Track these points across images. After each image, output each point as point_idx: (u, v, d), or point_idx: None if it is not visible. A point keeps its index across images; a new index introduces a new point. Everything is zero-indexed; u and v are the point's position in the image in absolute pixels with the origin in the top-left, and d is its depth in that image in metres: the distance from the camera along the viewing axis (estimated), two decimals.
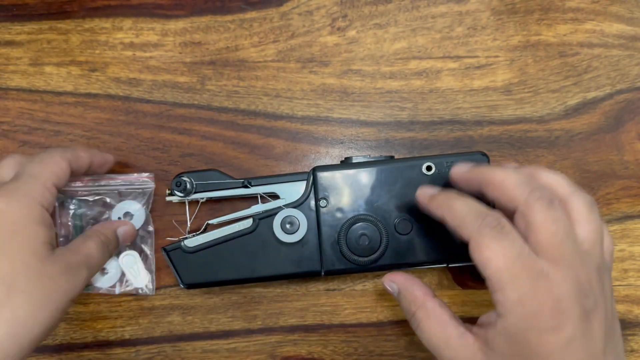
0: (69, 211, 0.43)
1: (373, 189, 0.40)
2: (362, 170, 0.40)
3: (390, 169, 0.40)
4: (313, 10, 0.45)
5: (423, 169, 0.40)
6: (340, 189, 0.40)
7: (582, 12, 0.46)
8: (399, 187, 0.40)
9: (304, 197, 0.40)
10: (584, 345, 0.30)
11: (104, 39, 0.45)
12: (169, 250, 0.40)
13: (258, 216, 0.40)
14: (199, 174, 0.41)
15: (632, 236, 0.45)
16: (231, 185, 0.41)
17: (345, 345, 0.44)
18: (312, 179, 0.40)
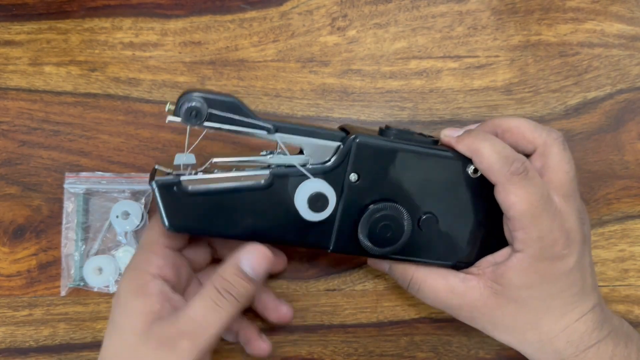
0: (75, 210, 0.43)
1: (410, 174, 0.35)
2: (407, 150, 0.35)
3: (435, 158, 0.36)
4: (313, 10, 0.45)
5: (469, 170, 0.36)
6: (377, 165, 0.35)
7: (583, 12, 0.45)
8: (437, 180, 0.36)
9: (334, 165, 0.34)
10: (580, 268, 0.35)
11: (104, 39, 0.45)
12: (161, 186, 0.33)
13: (276, 171, 0.34)
14: (216, 99, 0.32)
15: (632, 236, 0.45)
16: (252, 125, 0.33)
17: (345, 346, 0.44)
18: (350, 146, 0.34)
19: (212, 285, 0.32)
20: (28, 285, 0.43)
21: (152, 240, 0.34)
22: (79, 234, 0.43)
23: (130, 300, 0.32)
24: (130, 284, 0.33)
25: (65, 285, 0.43)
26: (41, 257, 0.43)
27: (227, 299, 0.32)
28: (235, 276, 0.32)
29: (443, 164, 0.36)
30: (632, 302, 0.45)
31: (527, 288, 0.35)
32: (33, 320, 0.43)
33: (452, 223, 0.37)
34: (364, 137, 0.34)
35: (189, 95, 0.32)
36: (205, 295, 0.32)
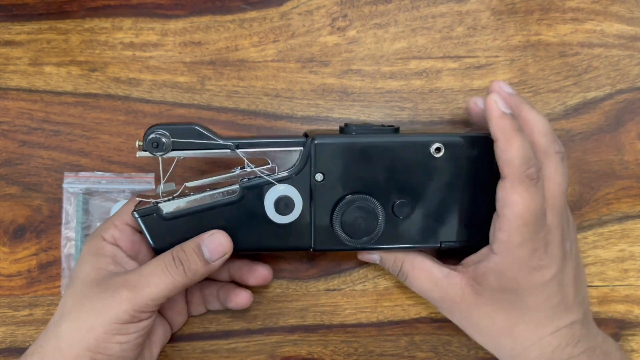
0: (75, 210, 0.43)
1: (374, 165, 0.37)
2: (366, 144, 0.36)
3: (396, 145, 0.37)
4: (313, 10, 0.45)
5: (432, 150, 0.37)
6: (340, 162, 0.36)
7: (582, 12, 0.46)
8: (403, 165, 0.37)
9: (298, 169, 0.36)
10: (559, 282, 0.35)
11: (104, 39, 0.45)
12: (142, 216, 0.36)
13: (245, 184, 0.36)
14: (177, 128, 0.35)
15: (632, 236, 0.45)
16: (215, 146, 0.36)
17: (345, 346, 0.44)
18: (310, 149, 0.36)
19: (169, 252, 0.35)
20: (28, 285, 0.43)
21: (119, 214, 0.38)
22: (78, 233, 0.43)
23: (86, 258, 0.36)
24: (89, 245, 0.37)
25: (65, 285, 0.43)
26: (41, 257, 0.43)
27: (177, 268, 0.34)
28: (192, 251, 0.35)
29: (405, 149, 0.37)
30: (632, 302, 0.45)
31: (503, 291, 0.36)
32: (33, 320, 0.43)
33: (427, 205, 0.38)
34: (322, 137, 0.36)
35: (152, 129, 0.35)
36: (160, 258, 0.35)
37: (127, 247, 0.37)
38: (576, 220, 0.45)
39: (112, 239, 0.37)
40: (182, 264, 0.35)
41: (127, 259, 0.37)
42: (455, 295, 0.37)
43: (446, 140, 0.37)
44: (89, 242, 0.37)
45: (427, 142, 0.37)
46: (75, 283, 0.36)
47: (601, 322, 0.44)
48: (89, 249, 0.37)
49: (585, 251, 0.45)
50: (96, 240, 0.37)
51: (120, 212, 0.38)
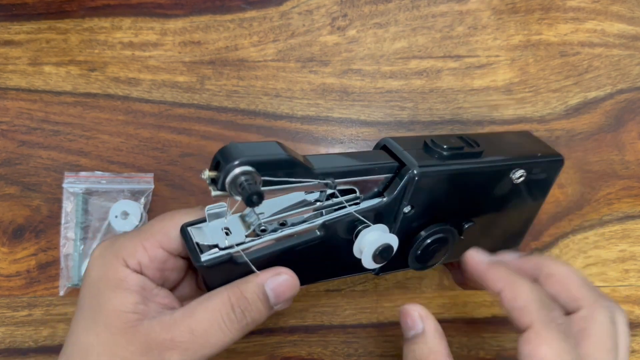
0: (74, 210, 0.43)
1: (458, 190, 0.34)
2: (463, 172, 0.33)
3: (483, 171, 0.34)
4: (313, 10, 0.45)
5: (513, 176, 0.35)
6: (431, 192, 0.32)
7: (583, 12, 0.45)
8: (483, 190, 0.35)
9: (389, 202, 0.31)
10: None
11: (103, 39, 0.44)
12: (212, 266, 0.28)
13: (331, 221, 0.31)
14: (267, 162, 0.26)
15: (633, 236, 0.45)
16: (309, 181, 0.28)
17: (345, 346, 0.44)
18: (409, 181, 0.31)
19: (227, 299, 0.28)
20: (27, 285, 0.43)
21: (149, 233, 0.30)
22: (78, 233, 0.43)
23: (105, 292, 0.28)
24: (105, 272, 0.28)
25: (64, 285, 0.43)
26: (40, 257, 0.43)
27: (237, 320, 0.28)
28: (256, 297, 0.28)
29: (491, 174, 0.34)
30: (632, 302, 0.44)
31: None
32: (32, 320, 0.43)
33: (487, 224, 0.37)
34: (423, 168, 0.31)
35: (235, 167, 0.25)
36: (215, 309, 0.27)
37: (155, 275, 0.30)
38: (577, 221, 0.45)
39: (138, 267, 0.29)
40: (244, 316, 0.28)
41: (156, 290, 0.30)
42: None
43: (528, 164, 0.35)
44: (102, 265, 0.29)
45: (511, 168, 0.34)
46: (95, 330, 0.27)
47: None
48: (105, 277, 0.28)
49: (586, 251, 0.45)
50: (115, 266, 0.29)
51: (153, 230, 0.30)
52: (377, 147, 0.34)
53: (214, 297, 0.28)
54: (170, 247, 0.30)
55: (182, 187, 0.44)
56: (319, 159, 0.30)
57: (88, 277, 0.29)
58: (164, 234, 0.30)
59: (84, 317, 0.28)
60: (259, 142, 0.28)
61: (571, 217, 0.45)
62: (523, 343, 0.28)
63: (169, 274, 0.31)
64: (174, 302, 0.30)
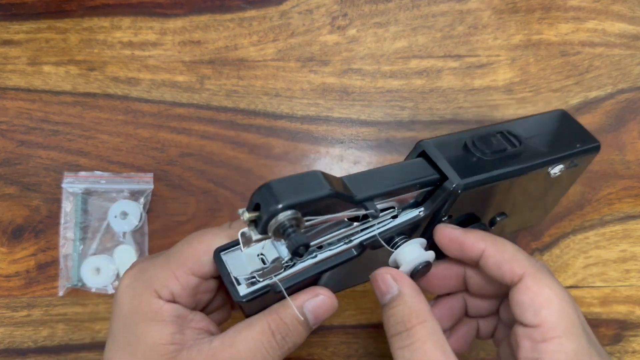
0: (73, 209, 0.43)
1: (496, 194, 0.33)
2: (501, 178, 0.31)
3: (521, 175, 0.32)
4: (313, 9, 0.45)
5: (551, 172, 0.33)
6: (470, 201, 0.31)
7: (584, 11, 0.45)
8: (518, 189, 0.34)
9: (428, 215, 0.30)
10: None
11: (103, 38, 0.44)
12: (250, 300, 0.27)
13: (367, 242, 0.30)
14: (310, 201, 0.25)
15: (634, 236, 0.45)
16: (351, 208, 0.27)
17: (345, 347, 0.44)
18: (450, 195, 0.30)
19: (267, 326, 0.27)
20: (27, 285, 0.43)
21: (180, 261, 0.29)
22: (77, 234, 0.43)
23: (140, 325, 0.28)
24: (139, 304, 0.28)
25: (64, 285, 0.43)
26: (40, 257, 0.43)
27: (279, 347, 0.27)
28: (295, 321, 0.27)
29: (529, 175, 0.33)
30: (633, 302, 0.44)
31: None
32: (32, 320, 0.43)
33: (518, 212, 0.36)
34: (466, 182, 0.29)
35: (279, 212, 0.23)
36: (256, 338, 0.27)
37: (188, 302, 0.29)
38: (578, 221, 0.45)
39: (171, 296, 0.28)
40: (285, 342, 0.27)
41: (191, 315, 0.29)
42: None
43: (567, 158, 0.34)
44: (134, 297, 0.28)
45: (551, 164, 0.33)
46: None
47: (602, 322, 0.44)
48: (139, 310, 0.28)
49: (587, 251, 0.44)
50: (148, 298, 0.28)
51: (183, 257, 0.29)
52: (414, 151, 0.32)
53: (254, 326, 0.27)
54: (202, 273, 0.29)
55: (181, 187, 0.44)
56: (357, 180, 0.28)
57: (120, 308, 0.29)
58: (196, 261, 0.29)
59: (121, 349, 0.28)
60: (300, 175, 0.26)
61: (572, 217, 0.45)
62: (520, 292, 0.27)
63: (201, 296, 0.30)
64: (209, 324, 0.30)
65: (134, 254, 0.43)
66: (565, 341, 0.25)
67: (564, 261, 0.44)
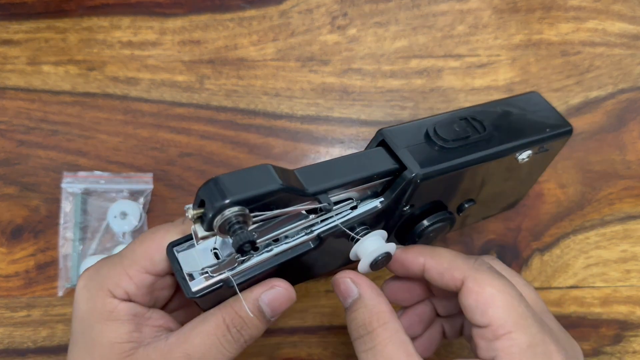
0: (73, 209, 0.42)
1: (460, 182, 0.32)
2: (465, 165, 0.31)
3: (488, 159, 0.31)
4: (313, 9, 0.45)
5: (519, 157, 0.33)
6: (430, 189, 0.31)
7: (584, 11, 0.45)
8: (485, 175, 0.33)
9: (388, 206, 0.30)
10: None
11: (102, 38, 0.44)
12: (202, 295, 0.27)
13: (326, 233, 0.29)
14: (257, 196, 0.24)
15: (634, 237, 0.45)
16: (303, 201, 0.27)
17: (345, 347, 0.44)
18: (410, 185, 0.29)
19: (221, 320, 0.27)
20: (26, 285, 0.43)
21: (133, 260, 0.28)
22: (76, 234, 0.43)
23: (96, 326, 0.27)
24: (93, 305, 0.28)
25: (63, 285, 0.42)
26: (39, 257, 0.43)
27: (235, 341, 0.27)
28: (251, 314, 0.27)
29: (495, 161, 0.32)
30: (634, 302, 0.44)
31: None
32: (31, 321, 0.43)
33: (486, 198, 0.36)
34: (424, 171, 0.29)
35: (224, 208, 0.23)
36: (210, 332, 0.27)
37: (144, 300, 0.29)
38: (578, 221, 0.44)
39: (126, 295, 0.28)
40: (241, 335, 0.27)
41: (149, 313, 0.29)
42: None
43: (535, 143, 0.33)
44: (89, 299, 0.28)
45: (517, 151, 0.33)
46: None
47: (603, 323, 0.44)
48: (94, 311, 0.28)
49: (587, 252, 0.44)
50: (102, 298, 0.28)
51: (136, 256, 0.28)
52: (374, 140, 0.31)
53: (209, 320, 0.27)
54: (156, 271, 0.28)
55: (181, 187, 0.44)
56: (312, 172, 0.28)
57: (77, 310, 0.29)
58: (148, 259, 0.28)
59: (80, 350, 0.28)
60: (249, 169, 0.25)
61: (572, 217, 0.44)
62: (465, 296, 0.27)
63: (158, 293, 0.30)
64: (169, 321, 0.29)
65: None
66: (516, 335, 0.26)
67: (565, 261, 0.44)
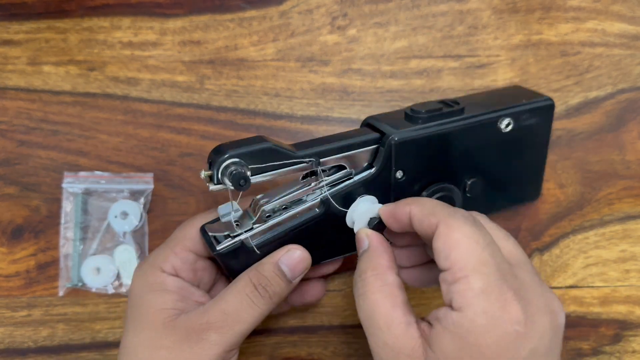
0: (73, 209, 0.43)
1: (448, 150, 0.35)
2: (439, 133, 0.34)
3: (468, 127, 0.35)
4: (313, 9, 0.45)
5: (501, 126, 0.36)
6: (419, 155, 0.35)
7: (584, 11, 0.45)
8: (474, 145, 0.36)
9: (379, 170, 0.34)
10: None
11: (103, 38, 0.44)
12: (226, 253, 0.32)
13: (325, 197, 0.33)
14: (251, 151, 0.30)
15: (634, 236, 0.45)
16: (294, 163, 0.32)
17: (345, 347, 0.44)
18: (391, 148, 0.34)
19: (248, 280, 0.32)
20: (27, 285, 0.43)
21: (177, 240, 0.34)
22: (77, 234, 0.43)
23: (146, 296, 0.32)
24: (145, 280, 0.33)
25: (64, 285, 0.43)
26: (40, 257, 0.43)
27: (262, 296, 0.31)
28: (273, 274, 0.32)
29: (476, 130, 0.36)
30: (633, 302, 0.44)
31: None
32: (32, 320, 0.43)
33: (493, 179, 0.38)
34: (401, 133, 0.34)
35: (223, 158, 0.30)
36: (240, 289, 0.31)
37: (189, 276, 0.34)
38: (577, 221, 0.45)
39: (173, 270, 0.33)
40: (267, 292, 0.31)
41: (193, 289, 0.34)
42: (402, 350, 0.28)
43: (513, 112, 0.36)
44: (142, 275, 0.33)
45: (496, 119, 0.36)
46: (141, 330, 0.31)
47: (602, 322, 0.44)
48: (145, 284, 0.33)
49: (586, 251, 0.45)
50: (153, 273, 0.33)
51: (178, 237, 0.34)
52: (362, 125, 0.37)
53: (238, 281, 0.32)
54: (197, 249, 0.34)
55: (181, 187, 0.44)
56: (303, 143, 0.33)
57: (132, 289, 0.34)
58: (189, 239, 0.34)
59: (133, 320, 0.33)
60: (245, 138, 0.32)
61: (572, 217, 0.45)
62: (435, 240, 0.28)
63: (201, 274, 0.35)
64: (209, 300, 0.33)
65: (134, 254, 0.43)
66: (472, 279, 0.26)
67: (564, 261, 0.44)
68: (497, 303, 0.26)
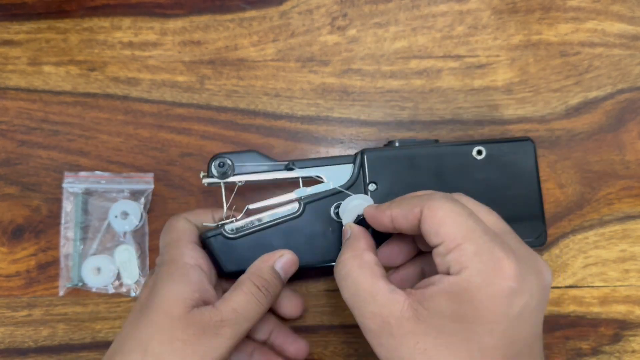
0: (74, 209, 0.43)
1: (421, 173, 0.38)
2: (410, 154, 0.39)
3: (439, 153, 0.39)
4: (313, 9, 0.45)
5: (473, 154, 0.39)
6: (389, 172, 0.38)
7: (583, 12, 0.45)
8: (448, 172, 0.39)
9: (352, 181, 0.38)
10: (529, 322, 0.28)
11: (103, 38, 0.44)
12: (209, 237, 0.37)
13: (304, 200, 0.38)
14: (238, 155, 0.38)
15: (633, 236, 0.45)
16: (273, 167, 0.38)
17: (345, 347, 0.44)
18: (361, 161, 0.38)
19: (250, 282, 0.35)
20: (27, 285, 0.43)
21: (179, 239, 0.36)
22: (77, 233, 0.43)
23: (168, 285, 0.33)
24: (170, 270, 0.34)
25: (64, 285, 0.43)
26: (40, 257, 0.43)
27: (264, 295, 0.35)
28: (272, 276, 0.36)
29: (449, 156, 0.39)
30: (632, 302, 0.44)
31: (454, 321, 0.28)
32: (32, 320, 0.43)
33: None
34: (370, 149, 0.39)
35: (216, 156, 0.38)
36: (247, 290, 0.35)
37: (207, 268, 0.36)
38: (577, 221, 0.45)
39: (195, 261, 0.35)
40: (268, 292, 0.35)
41: (208, 285, 0.35)
42: (391, 314, 0.29)
43: (486, 142, 0.39)
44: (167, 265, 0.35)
45: (468, 148, 0.39)
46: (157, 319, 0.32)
47: (602, 322, 0.44)
48: (170, 273, 0.34)
49: (586, 251, 0.45)
50: (177, 263, 0.35)
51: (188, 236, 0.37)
52: None
53: (243, 283, 0.35)
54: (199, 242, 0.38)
55: (181, 187, 0.44)
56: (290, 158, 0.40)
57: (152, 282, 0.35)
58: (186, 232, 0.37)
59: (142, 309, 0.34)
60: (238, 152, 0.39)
61: (571, 217, 0.45)
62: (422, 224, 0.30)
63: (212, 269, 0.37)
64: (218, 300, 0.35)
65: (135, 253, 0.43)
66: (465, 246, 0.29)
67: (564, 261, 0.44)
68: (490, 263, 0.28)
